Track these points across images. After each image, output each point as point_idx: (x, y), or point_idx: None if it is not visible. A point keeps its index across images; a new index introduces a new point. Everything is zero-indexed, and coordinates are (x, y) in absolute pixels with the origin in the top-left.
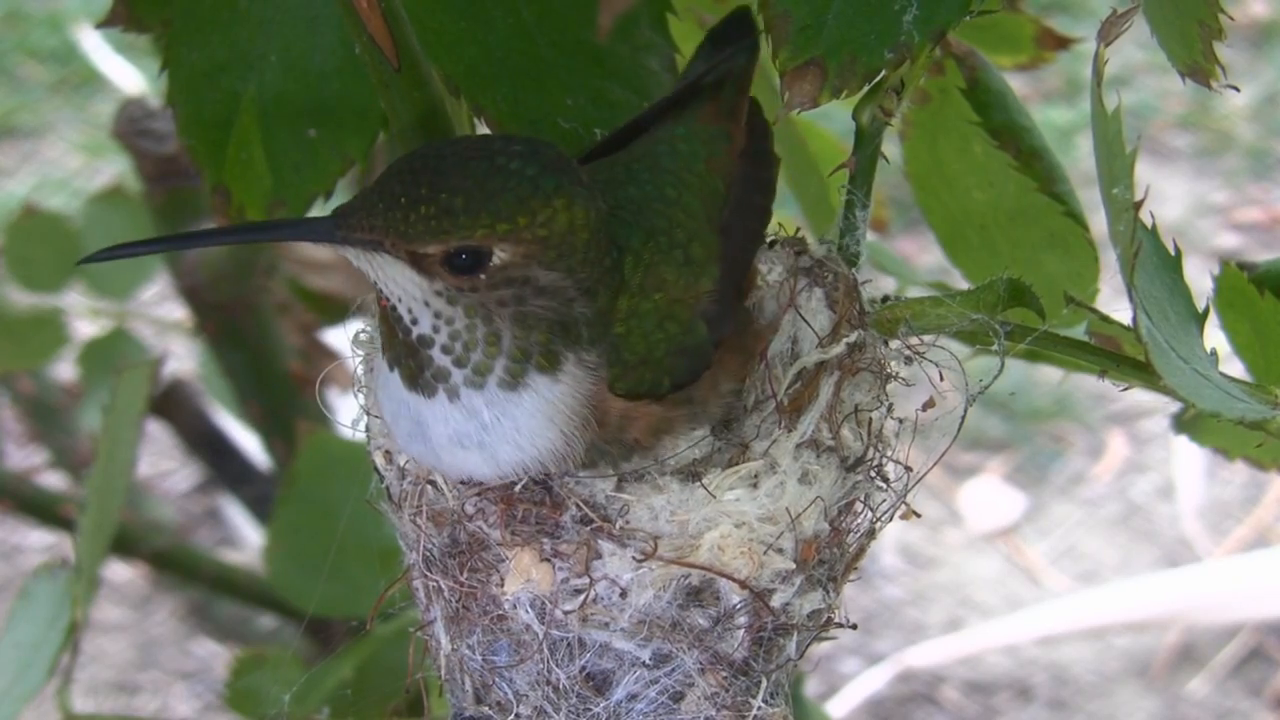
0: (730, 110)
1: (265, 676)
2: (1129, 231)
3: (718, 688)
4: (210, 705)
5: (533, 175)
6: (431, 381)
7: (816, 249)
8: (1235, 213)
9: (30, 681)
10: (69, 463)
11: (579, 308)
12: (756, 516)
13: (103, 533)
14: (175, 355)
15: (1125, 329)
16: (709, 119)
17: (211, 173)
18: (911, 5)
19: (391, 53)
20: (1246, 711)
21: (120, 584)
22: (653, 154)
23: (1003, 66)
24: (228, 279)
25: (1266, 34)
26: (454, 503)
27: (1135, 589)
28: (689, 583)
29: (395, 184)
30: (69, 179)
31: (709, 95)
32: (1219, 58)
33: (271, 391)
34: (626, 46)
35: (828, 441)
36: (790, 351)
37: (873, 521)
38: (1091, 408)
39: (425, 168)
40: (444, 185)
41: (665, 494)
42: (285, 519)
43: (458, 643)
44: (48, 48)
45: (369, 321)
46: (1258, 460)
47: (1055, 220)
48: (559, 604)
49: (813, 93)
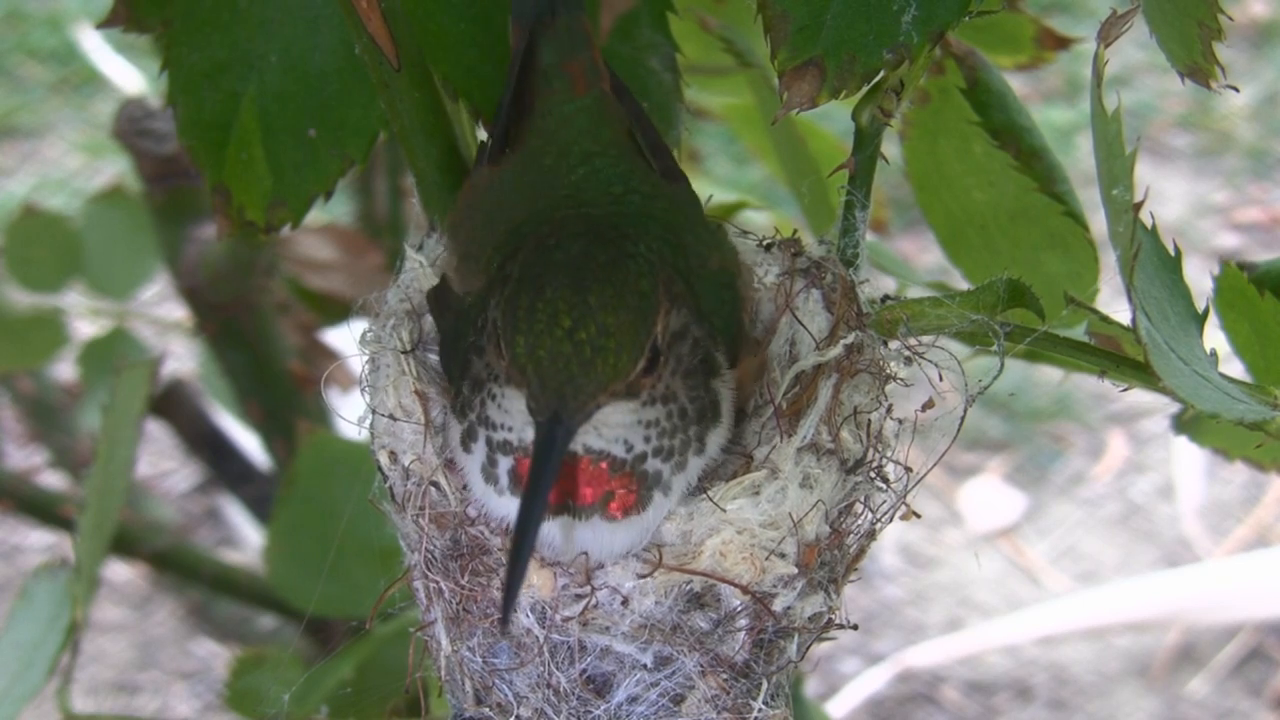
0: (588, 69)
1: (265, 676)
2: (1129, 232)
3: (718, 690)
4: (210, 705)
5: (618, 250)
6: (648, 494)
7: (814, 249)
8: (1235, 213)
9: (30, 681)
10: (69, 463)
11: (695, 329)
12: (758, 522)
13: (103, 533)
14: (175, 355)
15: (1125, 329)
16: (579, 91)
17: (211, 173)
18: (910, 5)
19: (391, 53)
20: (1246, 711)
21: (120, 584)
22: (575, 153)
23: (1003, 66)
24: (228, 279)
25: (1266, 34)
26: (456, 506)
27: (1135, 589)
28: (690, 588)
29: (558, 346)
30: (69, 179)
31: (567, 64)
32: (1219, 58)
33: (271, 391)
34: (627, 46)
35: (828, 444)
36: (788, 354)
37: (873, 522)
38: (1091, 408)
39: (557, 314)
40: (595, 316)
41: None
42: (285, 519)
43: (458, 644)
44: (48, 48)
45: (371, 322)
46: (1258, 460)
47: (1055, 220)
48: (560, 610)
49: (811, 93)
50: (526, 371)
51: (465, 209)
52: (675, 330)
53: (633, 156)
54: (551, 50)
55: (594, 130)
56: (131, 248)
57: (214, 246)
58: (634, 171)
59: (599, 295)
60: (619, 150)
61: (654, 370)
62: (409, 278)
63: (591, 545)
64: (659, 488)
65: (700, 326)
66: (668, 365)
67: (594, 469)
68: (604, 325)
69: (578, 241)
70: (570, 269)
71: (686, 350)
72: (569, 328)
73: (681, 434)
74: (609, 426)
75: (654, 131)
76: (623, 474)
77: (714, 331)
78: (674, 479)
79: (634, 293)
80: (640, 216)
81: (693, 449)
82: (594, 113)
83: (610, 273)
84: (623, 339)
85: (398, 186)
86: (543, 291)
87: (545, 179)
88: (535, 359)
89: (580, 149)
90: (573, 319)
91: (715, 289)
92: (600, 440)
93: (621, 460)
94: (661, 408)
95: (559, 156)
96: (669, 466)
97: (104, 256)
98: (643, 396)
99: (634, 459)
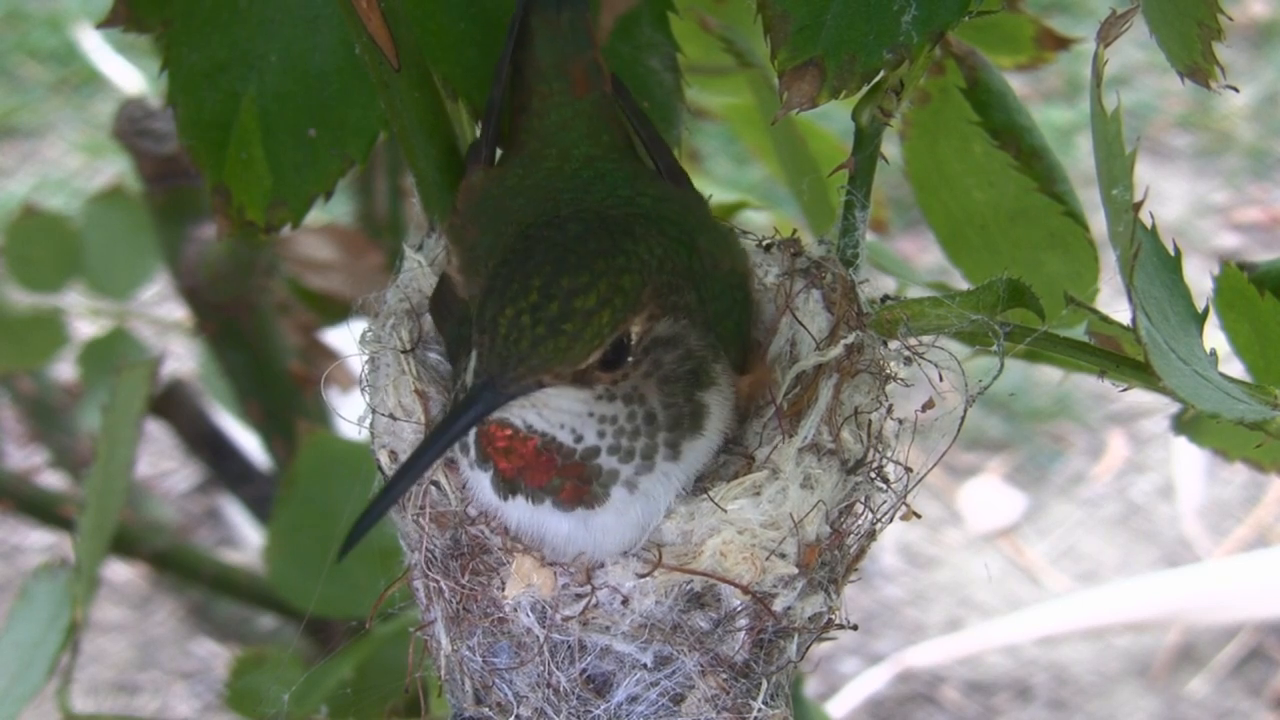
0: (590, 70)
1: (265, 676)
2: (1129, 232)
3: (718, 690)
4: (210, 705)
5: (613, 243)
6: (602, 490)
7: (814, 249)
8: (1235, 213)
9: (30, 681)
10: (69, 463)
11: (694, 339)
12: (759, 522)
13: (103, 533)
14: (175, 355)
15: (1125, 329)
16: (580, 92)
17: (211, 173)
18: (910, 6)
19: (391, 53)
20: (1246, 711)
21: (120, 584)
22: (577, 157)
23: (1003, 66)
24: (228, 279)
25: (1266, 34)
26: (457, 505)
27: (1135, 589)
28: (691, 588)
29: (518, 317)
30: (69, 179)
31: (568, 68)
32: (1218, 58)
33: (271, 391)
34: (628, 46)
35: (828, 444)
36: (789, 354)
37: (873, 522)
38: (1091, 408)
39: (529, 287)
40: (562, 297)
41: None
42: (285, 519)
43: (458, 643)
44: (48, 48)
45: (371, 322)
46: (1258, 460)
47: (1055, 220)
48: (560, 609)
49: (811, 93)
50: (483, 333)
51: (466, 214)
52: (663, 337)
53: (635, 160)
54: (552, 48)
55: (595, 134)
56: (131, 248)
57: (214, 246)
58: (639, 174)
59: (574, 279)
60: (621, 154)
61: (618, 368)
62: (409, 278)
63: (553, 532)
64: (619, 485)
65: (702, 339)
66: (639, 368)
67: (543, 454)
68: (568, 308)
69: (578, 225)
70: (560, 249)
71: (672, 359)
72: (534, 302)
73: (645, 438)
74: (551, 410)
75: (654, 132)
76: (572, 463)
77: (718, 343)
78: (641, 480)
79: (612, 286)
80: (654, 218)
81: (662, 454)
82: (594, 116)
83: (594, 261)
84: (582, 326)
85: (398, 186)
86: (525, 264)
87: (549, 182)
88: (494, 323)
89: (582, 153)
90: (540, 295)
91: (727, 291)
92: (542, 421)
93: (569, 449)
94: (623, 407)
95: (561, 160)
96: (630, 467)
97: (104, 256)
98: (598, 390)
99: (584, 451)
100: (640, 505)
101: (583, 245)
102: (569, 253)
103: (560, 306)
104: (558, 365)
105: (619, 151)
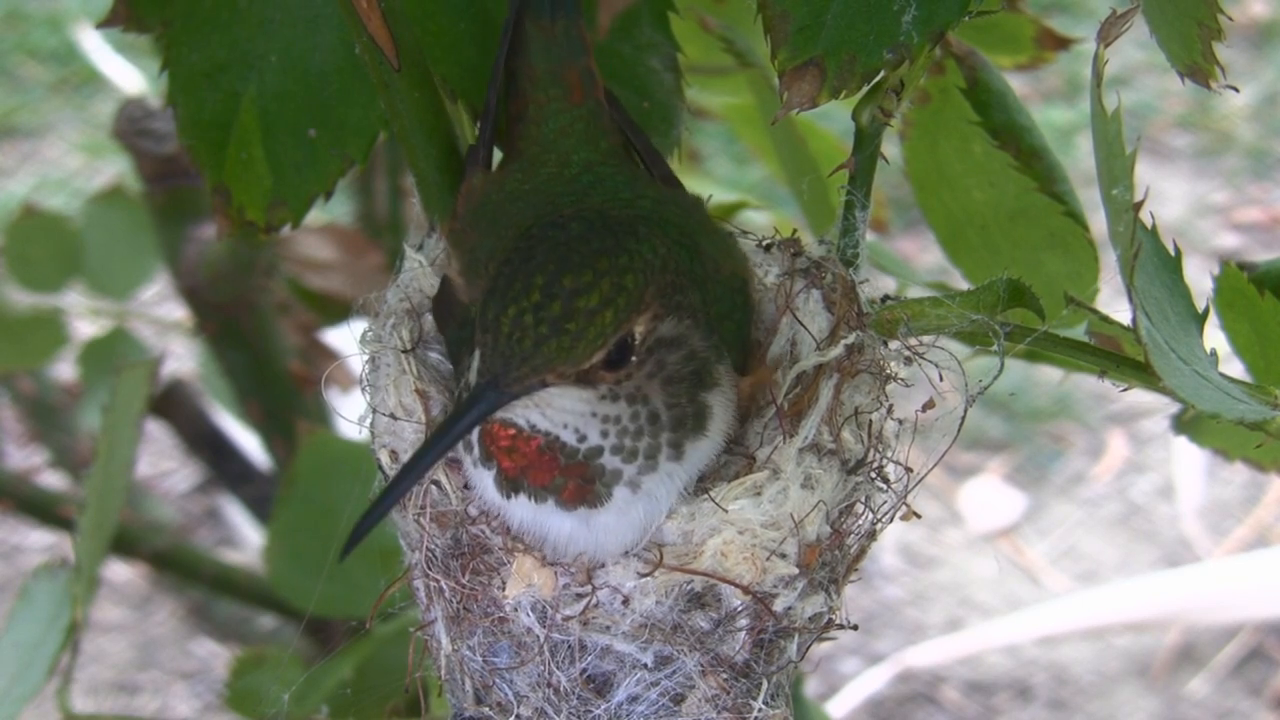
0: (585, 78)
1: (265, 676)
2: (1129, 232)
3: (718, 690)
4: (210, 705)
5: (616, 242)
6: (605, 490)
7: (814, 249)
8: (1235, 213)
9: (30, 681)
10: (69, 463)
11: (697, 340)
12: (760, 523)
13: (103, 533)
14: (175, 355)
15: (1125, 329)
16: (576, 99)
17: (211, 173)
18: (910, 6)
19: (391, 53)
20: (1246, 711)
21: (120, 584)
22: (576, 162)
23: (1003, 66)
24: (228, 279)
25: (1266, 34)
26: (458, 505)
27: (1135, 589)
28: (691, 588)
29: (521, 316)
30: (69, 179)
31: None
32: (1218, 58)
33: (271, 391)
34: (628, 45)
35: (829, 445)
36: (790, 354)
37: (873, 523)
38: (1091, 408)
39: (531, 286)
40: (565, 296)
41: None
42: (285, 519)
43: (458, 643)
44: (48, 48)
45: (371, 321)
46: (1258, 460)
47: (1055, 220)
48: (560, 609)
49: (811, 93)
50: (486, 333)
51: (466, 218)
52: (667, 337)
53: (634, 165)
54: (547, 54)
55: (593, 140)
56: (131, 248)
57: (214, 246)
58: (638, 179)
59: (576, 278)
60: (619, 159)
61: (621, 368)
62: (409, 277)
63: (555, 531)
64: (622, 485)
65: (705, 340)
66: (643, 368)
67: (545, 453)
68: (570, 308)
69: (581, 225)
70: (562, 248)
71: (676, 359)
72: (536, 302)
73: (649, 438)
74: (554, 409)
75: (648, 141)
76: (575, 463)
77: (721, 345)
78: (644, 479)
79: (615, 285)
80: (656, 220)
81: (665, 454)
82: (592, 122)
83: (597, 260)
84: (585, 326)
85: (398, 186)
86: (528, 263)
87: (548, 187)
88: (496, 323)
89: (581, 158)
90: (543, 294)
91: (728, 294)
92: (545, 420)
93: (573, 449)
94: (626, 406)
95: (560, 165)
96: (633, 467)
97: (104, 256)
98: (601, 390)
99: (587, 450)
100: (643, 505)
101: (585, 244)
102: (572, 252)
103: (563, 306)
104: (561, 365)
105: (618, 157)
